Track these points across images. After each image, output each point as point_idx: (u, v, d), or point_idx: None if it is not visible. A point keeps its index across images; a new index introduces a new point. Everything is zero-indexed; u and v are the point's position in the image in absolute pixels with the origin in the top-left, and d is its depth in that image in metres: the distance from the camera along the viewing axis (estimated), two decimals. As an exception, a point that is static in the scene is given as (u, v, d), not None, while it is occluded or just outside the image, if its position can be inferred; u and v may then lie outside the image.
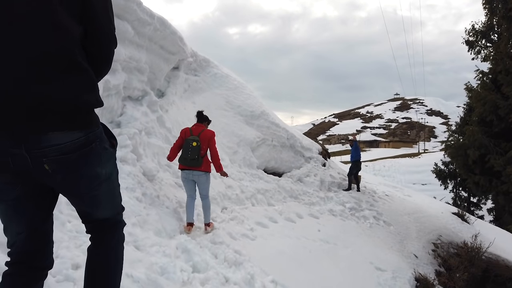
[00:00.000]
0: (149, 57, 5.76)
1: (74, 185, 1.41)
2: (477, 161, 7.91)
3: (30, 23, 1.22)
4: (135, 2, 4.73)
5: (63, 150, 1.31)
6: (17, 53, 1.22)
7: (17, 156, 1.27)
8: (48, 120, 1.26)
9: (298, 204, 8.69)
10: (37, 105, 1.23)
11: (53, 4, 1.25)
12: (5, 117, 1.23)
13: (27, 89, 1.22)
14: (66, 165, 1.33)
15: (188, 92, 8.52)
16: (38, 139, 1.26)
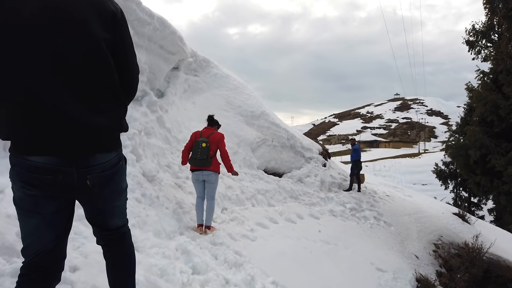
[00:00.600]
0: (149, 57, 5.73)
1: (105, 197, 1.62)
2: (478, 161, 7.88)
3: (88, 65, 1.45)
4: (135, 1, 4.69)
5: (104, 168, 1.54)
6: (77, 90, 1.43)
7: (67, 174, 1.45)
8: (97, 143, 1.49)
9: (299, 205, 8.66)
10: (92, 132, 1.46)
11: (103, 49, 1.48)
12: (64, 142, 1.42)
13: (86, 120, 1.44)
14: (103, 180, 1.55)
15: (188, 92, 8.49)
16: (87, 159, 1.48)
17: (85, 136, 1.44)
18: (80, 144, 1.44)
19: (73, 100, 1.42)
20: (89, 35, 1.45)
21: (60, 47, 1.40)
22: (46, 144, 1.40)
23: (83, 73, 1.44)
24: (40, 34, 1.37)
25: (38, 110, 1.37)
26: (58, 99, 1.39)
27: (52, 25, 1.39)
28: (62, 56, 1.40)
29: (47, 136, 1.39)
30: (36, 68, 1.36)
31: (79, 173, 1.47)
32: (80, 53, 1.43)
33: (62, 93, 1.40)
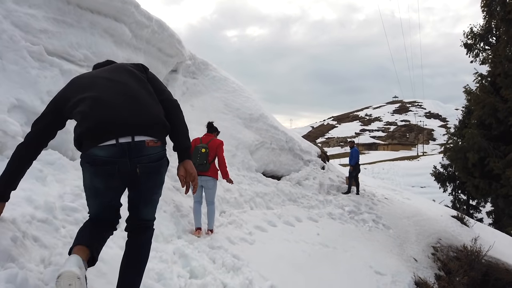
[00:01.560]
0: (147, 59, 5.72)
1: (149, 186, 1.93)
2: (476, 164, 7.88)
3: (141, 91, 1.97)
4: (133, 4, 4.69)
5: (151, 159, 1.85)
6: (134, 98, 1.92)
7: (122, 163, 1.78)
8: (149, 135, 1.84)
9: (297, 208, 8.63)
10: (143, 123, 1.83)
11: (145, 84, 2.03)
12: (122, 132, 1.77)
13: (139, 114, 1.83)
14: (150, 170, 1.87)
15: (186, 95, 8.47)
16: (140, 150, 1.80)
17: (135, 127, 1.81)
18: (130, 134, 1.79)
19: (136, 110, 1.87)
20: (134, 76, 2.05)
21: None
22: (111, 133, 1.77)
23: (140, 96, 1.95)
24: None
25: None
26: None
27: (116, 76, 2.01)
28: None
29: (112, 126, 1.79)
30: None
31: (131, 162, 1.79)
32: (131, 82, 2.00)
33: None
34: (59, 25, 3.80)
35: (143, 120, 1.83)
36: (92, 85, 1.89)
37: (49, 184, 2.79)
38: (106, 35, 4.48)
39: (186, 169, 2.03)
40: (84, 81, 1.97)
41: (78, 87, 1.93)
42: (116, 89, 1.88)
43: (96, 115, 1.76)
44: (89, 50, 4.10)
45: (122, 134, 1.76)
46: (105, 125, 1.75)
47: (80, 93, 1.86)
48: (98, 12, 4.29)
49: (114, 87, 1.89)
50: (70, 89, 1.96)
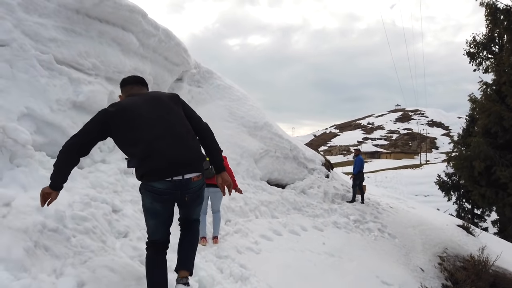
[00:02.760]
0: (154, 68, 5.75)
1: (194, 205, 2.58)
2: (482, 173, 7.82)
3: (180, 123, 2.45)
4: (140, 13, 4.72)
5: (195, 189, 2.44)
6: (180, 138, 2.37)
7: (176, 194, 2.34)
8: (194, 171, 2.38)
9: (302, 216, 8.57)
10: (190, 162, 2.37)
11: (182, 117, 2.48)
12: (176, 172, 2.30)
13: (187, 155, 2.35)
14: (195, 195, 2.47)
15: (191, 103, 8.45)
16: (188, 185, 2.36)
17: (187, 168, 2.35)
18: (182, 173, 2.31)
19: (178, 143, 2.35)
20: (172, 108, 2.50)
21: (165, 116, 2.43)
22: (168, 172, 2.30)
23: (179, 127, 2.43)
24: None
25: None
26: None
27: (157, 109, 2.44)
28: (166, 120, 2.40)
29: (168, 168, 2.31)
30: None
31: (182, 193, 2.35)
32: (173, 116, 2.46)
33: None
34: (68, 34, 3.83)
35: (190, 160, 2.36)
36: (144, 125, 2.31)
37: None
38: (114, 44, 4.51)
39: (223, 178, 2.62)
40: (136, 117, 2.34)
41: (129, 121, 2.32)
42: (167, 132, 2.34)
43: (155, 160, 2.26)
44: (98, 59, 4.12)
45: (176, 174, 2.29)
46: (163, 167, 2.27)
47: (132, 130, 2.31)
48: (106, 21, 4.32)
49: (165, 130, 2.34)
50: (121, 119, 2.33)
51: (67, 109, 3.54)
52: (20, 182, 2.56)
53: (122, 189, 3.84)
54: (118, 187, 3.77)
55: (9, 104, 2.99)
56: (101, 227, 2.66)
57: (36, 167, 2.82)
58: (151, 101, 2.43)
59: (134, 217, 3.33)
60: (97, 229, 2.59)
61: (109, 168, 3.92)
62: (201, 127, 2.59)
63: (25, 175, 2.64)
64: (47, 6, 3.64)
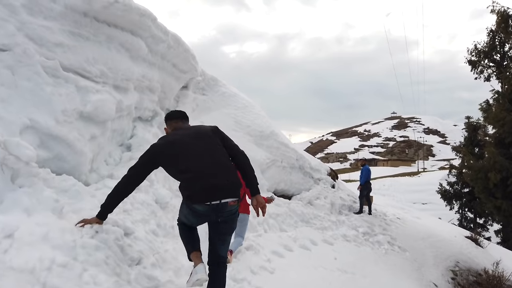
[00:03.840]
0: (161, 75, 5.45)
1: (224, 229, 2.74)
2: (498, 185, 7.55)
3: (219, 153, 2.76)
4: (150, 17, 4.43)
5: (230, 213, 2.66)
6: (220, 168, 2.67)
7: (212, 216, 2.63)
8: (231, 197, 2.62)
9: (311, 229, 8.30)
10: (228, 189, 2.63)
11: (222, 148, 2.80)
12: (215, 198, 2.57)
13: (225, 182, 2.62)
14: (227, 219, 2.68)
15: (196, 111, 8.19)
16: (224, 208, 2.60)
17: (224, 193, 2.62)
18: (219, 199, 2.58)
19: (217, 169, 2.65)
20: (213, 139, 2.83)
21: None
22: (208, 198, 2.58)
23: (219, 156, 2.75)
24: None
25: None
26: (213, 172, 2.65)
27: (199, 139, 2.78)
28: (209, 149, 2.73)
29: (209, 194, 2.60)
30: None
31: (217, 216, 2.63)
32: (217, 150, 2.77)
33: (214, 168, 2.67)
34: (75, 38, 3.52)
35: (228, 187, 2.62)
36: (190, 156, 2.65)
37: (65, 216, 2.46)
38: (123, 49, 4.21)
39: (258, 201, 2.77)
40: (182, 150, 2.68)
41: (177, 153, 2.68)
42: (210, 162, 2.63)
43: (198, 186, 2.57)
44: (106, 65, 3.82)
45: (214, 200, 2.56)
46: (204, 194, 2.57)
47: (180, 161, 2.66)
48: (115, 26, 4.02)
49: (208, 161, 2.63)
50: (170, 151, 2.70)
51: (74, 120, 3.22)
52: (23, 205, 2.23)
53: (131, 207, 3.52)
54: (127, 205, 3.45)
55: (10, 115, 2.68)
56: (114, 256, 2.34)
57: (41, 187, 2.50)
58: (196, 134, 2.78)
59: (146, 240, 3.02)
60: (110, 259, 2.27)
61: (118, 184, 3.60)
62: (238, 154, 2.89)
63: (29, 197, 2.32)
64: (53, 8, 3.34)
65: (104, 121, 3.67)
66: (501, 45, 20.98)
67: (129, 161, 4.36)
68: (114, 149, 4.43)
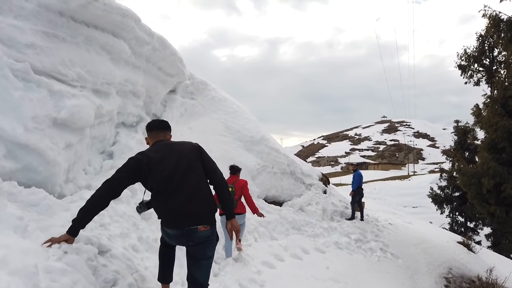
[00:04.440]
0: (146, 79, 5.20)
1: (197, 254, 2.64)
2: (491, 191, 7.44)
3: (197, 176, 2.73)
4: (134, 18, 4.19)
5: (201, 238, 2.60)
6: (195, 194, 2.65)
7: (181, 240, 2.65)
8: (202, 224, 2.60)
9: (302, 237, 8.10)
10: (200, 216, 2.61)
11: (201, 172, 2.75)
12: (184, 224, 2.58)
13: (197, 209, 2.60)
14: (198, 245, 2.62)
15: (184, 116, 7.95)
16: (194, 233, 2.58)
17: (193, 220, 2.59)
18: (188, 225, 2.57)
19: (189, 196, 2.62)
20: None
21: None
22: (176, 223, 2.60)
23: (195, 183, 2.69)
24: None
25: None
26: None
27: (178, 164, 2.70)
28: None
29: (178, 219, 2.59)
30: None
31: (187, 240, 2.59)
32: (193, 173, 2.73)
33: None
34: (50, 39, 3.27)
35: (200, 213, 2.60)
36: (167, 178, 2.60)
37: (30, 235, 2.21)
38: (103, 52, 3.95)
39: (233, 224, 2.79)
40: (162, 170, 2.61)
41: (156, 171, 2.60)
42: (185, 188, 2.60)
43: (170, 211, 2.60)
44: (84, 68, 3.56)
45: (183, 226, 2.57)
46: (175, 220, 2.59)
47: (157, 181, 2.60)
48: (94, 26, 3.77)
49: (183, 186, 2.61)
50: (149, 169, 2.60)
51: (46, 127, 2.95)
52: (-21, 225, 1.98)
53: (110, 221, 3.27)
54: (105, 219, 3.20)
55: (-28, 123, 2.42)
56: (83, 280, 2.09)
57: (4, 203, 2.24)
58: (175, 154, 2.70)
59: (124, 258, 2.76)
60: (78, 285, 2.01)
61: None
62: (216, 177, 2.81)
63: (-12, 215, 2.07)
64: (24, 7, 3.08)
65: (81, 128, 3.42)
66: (490, 50, 21.15)
67: (110, 170, 4.11)
68: (94, 157, 4.18)
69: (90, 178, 3.93)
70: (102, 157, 4.46)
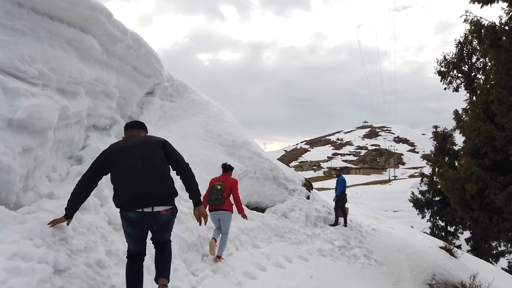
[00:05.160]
0: (120, 79, 4.88)
1: (162, 232, 3.00)
2: (475, 196, 7.39)
3: (157, 161, 2.91)
4: (104, 13, 3.87)
5: (164, 220, 2.87)
6: (155, 176, 2.84)
7: (145, 223, 2.82)
8: (164, 205, 2.83)
9: (285, 244, 7.88)
10: (160, 197, 2.82)
11: (162, 159, 2.95)
12: (146, 204, 2.73)
13: (158, 190, 2.80)
14: (163, 225, 2.92)
15: (163, 119, 7.62)
16: (156, 217, 2.80)
17: (156, 200, 2.76)
18: (152, 205, 2.73)
19: (152, 180, 2.79)
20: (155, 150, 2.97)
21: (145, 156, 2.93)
22: (139, 204, 2.74)
23: (156, 167, 2.89)
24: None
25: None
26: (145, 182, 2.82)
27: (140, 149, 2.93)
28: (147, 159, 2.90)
29: (140, 200, 2.75)
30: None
31: (151, 222, 2.80)
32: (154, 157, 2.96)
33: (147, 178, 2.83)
34: (6, 32, 2.93)
35: (161, 195, 2.75)
36: (128, 164, 2.78)
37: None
38: (70, 48, 3.62)
39: (200, 211, 2.96)
40: (124, 156, 2.82)
41: (118, 160, 2.82)
42: (145, 171, 2.75)
43: (131, 192, 2.69)
44: (46, 65, 3.23)
45: (146, 206, 2.69)
46: (136, 200, 2.69)
47: (119, 167, 2.79)
48: (60, 20, 3.44)
49: (143, 169, 2.75)
50: (113, 158, 2.84)
51: (-1, 129, 2.63)
52: None
53: (73, 233, 2.94)
54: (68, 231, 2.87)
55: None
56: (32, 308, 1.78)
57: None
58: (139, 144, 2.90)
59: (86, 277, 2.45)
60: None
61: (58, 205, 2.99)
62: (182, 167, 3.00)
63: None
64: (-25, -5, 2.76)
65: (42, 130, 3.08)
66: (469, 57, 21.63)
67: (77, 176, 3.77)
68: (60, 162, 3.83)
69: (55, 186, 3.58)
70: (69, 162, 4.11)
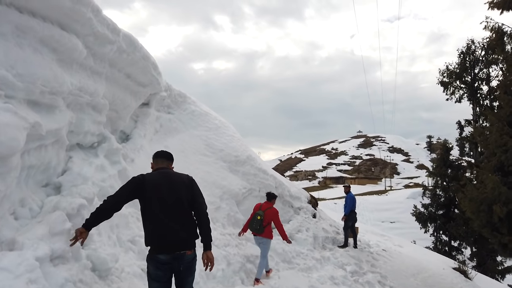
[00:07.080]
0: (110, 89, 4.10)
1: (187, 274, 3.14)
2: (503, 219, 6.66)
3: (186, 208, 3.14)
4: (90, 7, 3.10)
5: (188, 261, 3.09)
6: (183, 221, 3.11)
7: (173, 265, 3.03)
8: (188, 248, 3.08)
9: (294, 272, 7.12)
10: (189, 242, 3.09)
11: (189, 201, 3.17)
12: (175, 249, 3.00)
13: (186, 235, 3.06)
14: (187, 267, 3.10)
15: (160, 133, 6.84)
16: (183, 257, 3.04)
17: (183, 245, 3.06)
18: (179, 249, 3.03)
19: (178, 226, 3.05)
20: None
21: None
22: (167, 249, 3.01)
23: (183, 212, 3.14)
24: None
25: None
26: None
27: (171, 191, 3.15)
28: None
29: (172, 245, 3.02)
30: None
31: (179, 264, 3.04)
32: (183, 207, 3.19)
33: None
34: (-45, 26, 2.17)
35: (186, 240, 3.07)
36: (161, 206, 3.02)
37: None
38: (45, 49, 2.82)
39: (208, 256, 3.11)
40: (158, 197, 3.04)
41: (151, 197, 3.03)
42: (175, 217, 3.02)
43: (162, 238, 2.98)
44: (12, 70, 2.45)
45: (175, 251, 3.01)
46: (167, 246, 2.99)
47: (152, 205, 3.02)
48: (31, 13, 2.66)
49: (174, 215, 3.03)
50: (147, 191, 3.04)
51: None
52: None
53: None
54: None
55: None
56: None
57: None
58: (173, 185, 3.11)
59: None
60: None
61: (19, 260, 2.19)
62: (201, 212, 3.17)
63: None
64: None
65: (3, 157, 2.30)
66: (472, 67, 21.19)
67: (53, 212, 2.97)
68: (31, 193, 3.02)
69: (24, 224, 2.77)
70: (45, 192, 3.30)
